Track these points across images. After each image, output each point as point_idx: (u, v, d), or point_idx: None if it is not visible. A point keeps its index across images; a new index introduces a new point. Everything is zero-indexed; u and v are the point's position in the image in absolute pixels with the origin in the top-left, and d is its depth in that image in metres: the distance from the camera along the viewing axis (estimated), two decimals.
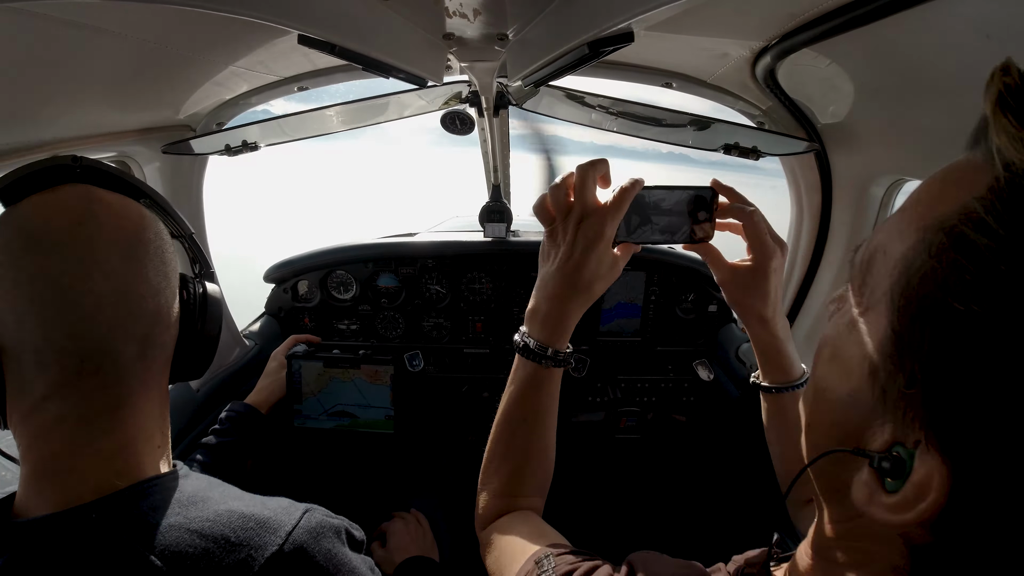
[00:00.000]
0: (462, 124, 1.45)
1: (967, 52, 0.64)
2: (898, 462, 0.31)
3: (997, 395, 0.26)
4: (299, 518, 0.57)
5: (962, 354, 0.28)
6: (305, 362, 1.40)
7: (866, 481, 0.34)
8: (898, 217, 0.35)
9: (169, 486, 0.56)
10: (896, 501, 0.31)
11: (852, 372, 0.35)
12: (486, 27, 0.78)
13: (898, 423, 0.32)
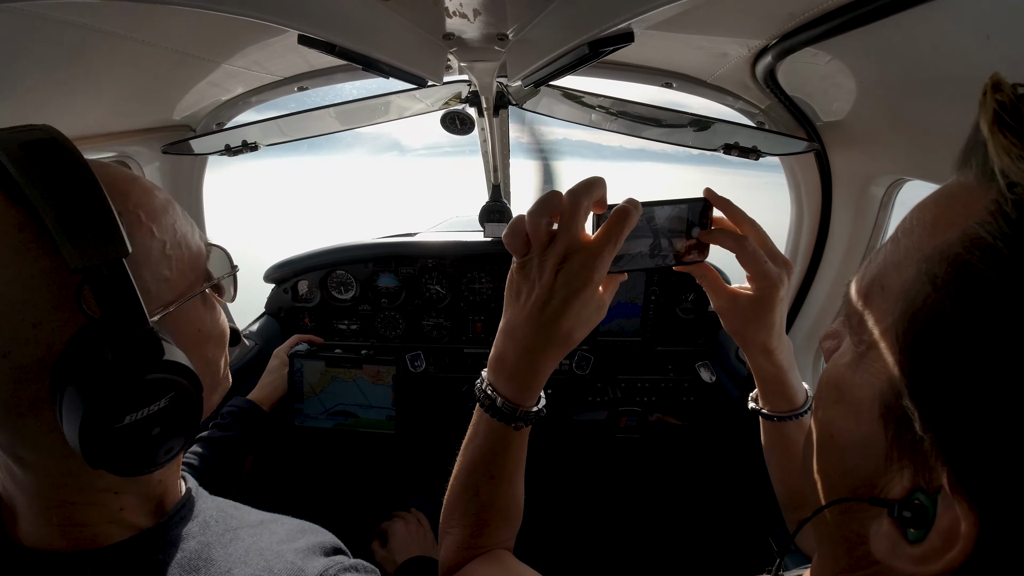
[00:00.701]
0: (462, 124, 1.45)
1: (967, 52, 0.64)
2: (920, 510, 0.29)
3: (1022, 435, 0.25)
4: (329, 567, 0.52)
5: (979, 392, 0.26)
6: (307, 361, 1.40)
7: (887, 532, 0.31)
8: (893, 247, 0.33)
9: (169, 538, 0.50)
10: (922, 552, 0.29)
11: (861, 415, 0.33)
12: (486, 27, 0.78)
13: (916, 468, 0.30)
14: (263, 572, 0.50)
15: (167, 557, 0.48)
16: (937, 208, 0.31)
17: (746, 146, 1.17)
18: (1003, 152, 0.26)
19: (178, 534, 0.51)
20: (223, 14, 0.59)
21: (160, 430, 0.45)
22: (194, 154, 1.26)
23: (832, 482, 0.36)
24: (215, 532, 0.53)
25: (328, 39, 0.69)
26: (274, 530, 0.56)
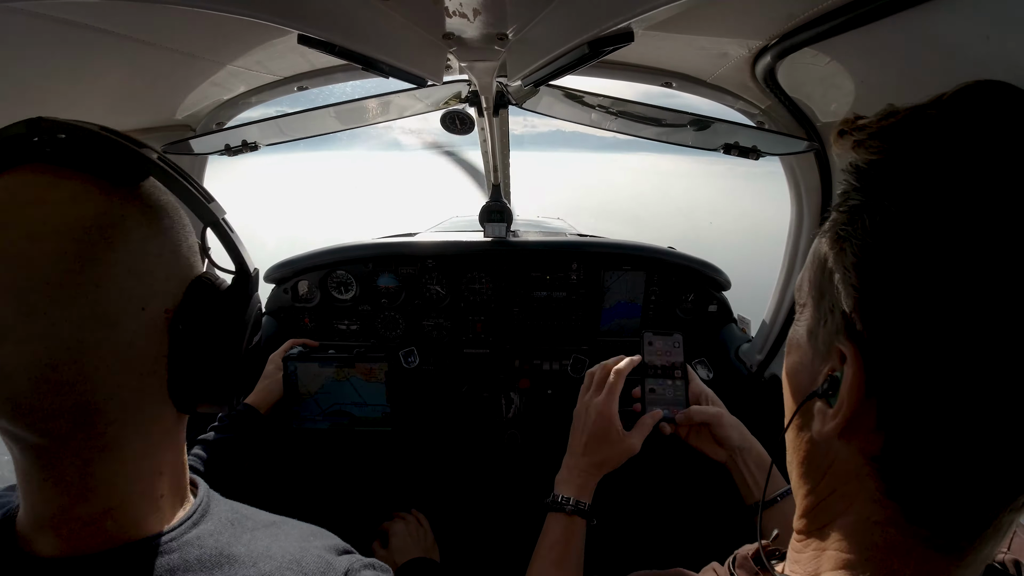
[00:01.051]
0: (462, 124, 1.45)
1: (966, 52, 0.64)
2: (834, 381, 0.39)
3: (878, 288, 0.36)
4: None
5: (855, 273, 0.37)
6: (301, 364, 1.40)
7: (819, 410, 0.41)
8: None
9: (187, 539, 0.50)
10: (836, 406, 0.38)
11: (800, 349, 0.45)
12: (486, 27, 0.77)
13: (832, 361, 0.40)
14: (292, 565, 0.51)
15: (188, 556, 0.48)
16: None
17: (746, 146, 1.17)
18: (840, 147, 0.40)
19: (198, 533, 0.51)
20: (223, 14, 0.59)
21: (259, 359, 0.52)
22: (194, 154, 1.26)
23: (790, 408, 0.46)
24: (233, 532, 0.53)
25: (328, 39, 0.69)
26: (288, 531, 0.58)
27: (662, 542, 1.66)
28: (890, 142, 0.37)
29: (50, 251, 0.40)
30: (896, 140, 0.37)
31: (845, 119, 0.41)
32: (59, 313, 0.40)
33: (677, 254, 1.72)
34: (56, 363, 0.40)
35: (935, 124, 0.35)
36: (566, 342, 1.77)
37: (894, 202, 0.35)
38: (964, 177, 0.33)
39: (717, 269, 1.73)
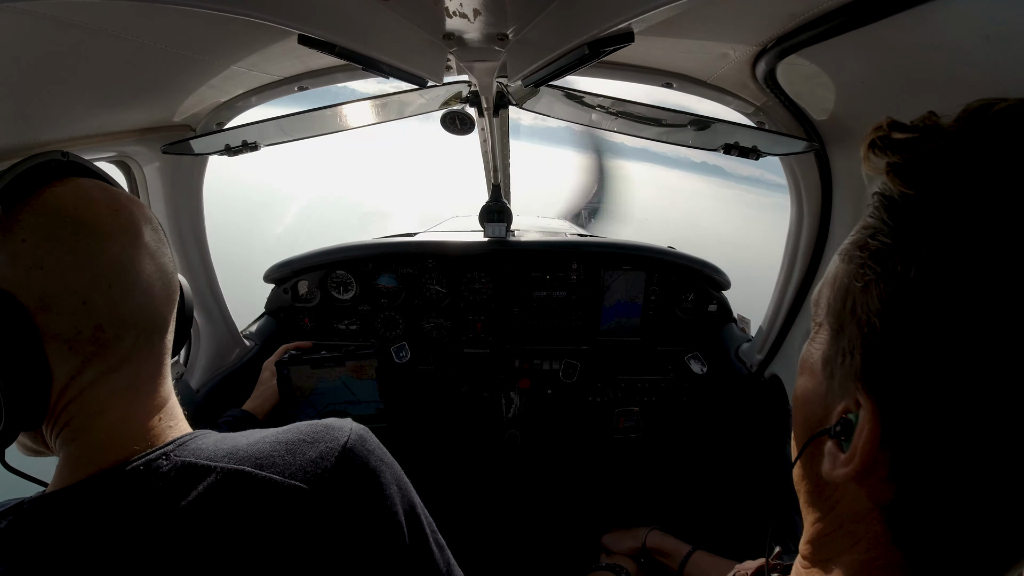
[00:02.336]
0: (462, 124, 1.45)
1: (966, 52, 0.64)
2: (847, 424, 0.37)
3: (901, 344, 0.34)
4: (351, 423, 0.63)
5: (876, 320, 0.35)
6: (293, 367, 1.41)
7: (830, 450, 0.39)
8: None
9: (214, 435, 0.60)
10: (849, 453, 0.37)
11: (813, 375, 0.43)
12: (486, 27, 0.78)
13: (847, 400, 0.38)
14: (291, 430, 0.59)
15: (222, 436, 0.59)
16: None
17: (746, 146, 1.17)
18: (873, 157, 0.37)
19: (202, 435, 0.60)
20: (223, 14, 0.59)
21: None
22: (194, 154, 1.26)
23: (801, 436, 0.45)
24: (232, 435, 0.62)
25: (328, 39, 0.69)
26: None
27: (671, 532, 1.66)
28: (931, 177, 0.32)
29: (143, 219, 0.60)
30: (938, 177, 0.32)
31: (878, 125, 0.36)
32: None
33: (677, 254, 1.72)
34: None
35: (985, 169, 0.31)
36: (566, 342, 1.77)
37: (932, 254, 0.32)
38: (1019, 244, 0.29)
39: (717, 269, 1.74)
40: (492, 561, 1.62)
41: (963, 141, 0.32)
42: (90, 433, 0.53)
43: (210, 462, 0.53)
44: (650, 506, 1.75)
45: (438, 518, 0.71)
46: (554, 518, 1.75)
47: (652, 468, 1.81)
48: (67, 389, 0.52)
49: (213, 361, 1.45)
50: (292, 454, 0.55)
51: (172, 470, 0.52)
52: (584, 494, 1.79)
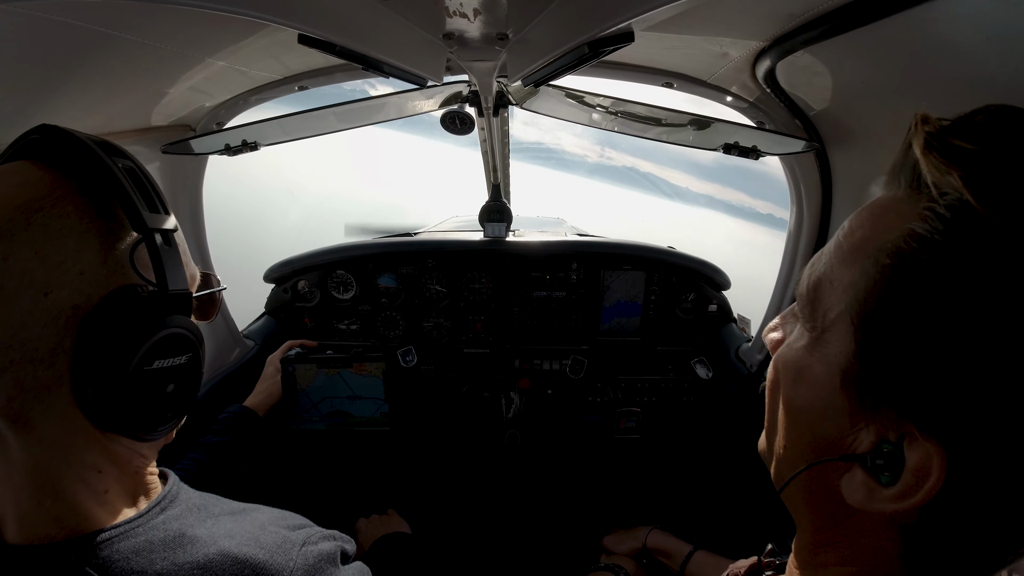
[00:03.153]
0: (462, 124, 1.45)
1: (966, 52, 0.64)
2: (891, 457, 0.34)
3: (975, 380, 0.31)
4: (295, 559, 0.55)
5: (929, 353, 0.32)
6: (299, 365, 1.41)
7: (862, 482, 0.36)
8: (836, 251, 0.39)
9: (153, 523, 0.52)
10: (898, 491, 0.34)
11: (822, 387, 0.39)
12: (486, 27, 0.77)
13: (879, 424, 0.35)
14: (251, 542, 0.53)
15: (152, 538, 0.50)
16: (873, 217, 0.38)
17: (746, 146, 1.17)
18: (933, 169, 0.33)
19: (162, 519, 0.53)
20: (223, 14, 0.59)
21: (174, 388, 0.51)
22: (194, 154, 1.26)
23: (801, 450, 0.41)
24: (198, 516, 0.56)
25: (328, 39, 0.69)
26: (255, 517, 0.60)
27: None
28: (1012, 202, 0.30)
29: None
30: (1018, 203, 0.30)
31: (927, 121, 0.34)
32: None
33: (677, 254, 1.72)
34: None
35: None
36: (566, 342, 1.77)
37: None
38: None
39: (717, 269, 1.74)
40: (492, 561, 1.62)
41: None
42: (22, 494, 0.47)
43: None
44: (651, 506, 1.75)
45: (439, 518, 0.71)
46: (554, 518, 1.75)
47: (653, 468, 1.81)
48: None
49: (213, 361, 1.45)
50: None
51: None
52: (584, 494, 1.79)
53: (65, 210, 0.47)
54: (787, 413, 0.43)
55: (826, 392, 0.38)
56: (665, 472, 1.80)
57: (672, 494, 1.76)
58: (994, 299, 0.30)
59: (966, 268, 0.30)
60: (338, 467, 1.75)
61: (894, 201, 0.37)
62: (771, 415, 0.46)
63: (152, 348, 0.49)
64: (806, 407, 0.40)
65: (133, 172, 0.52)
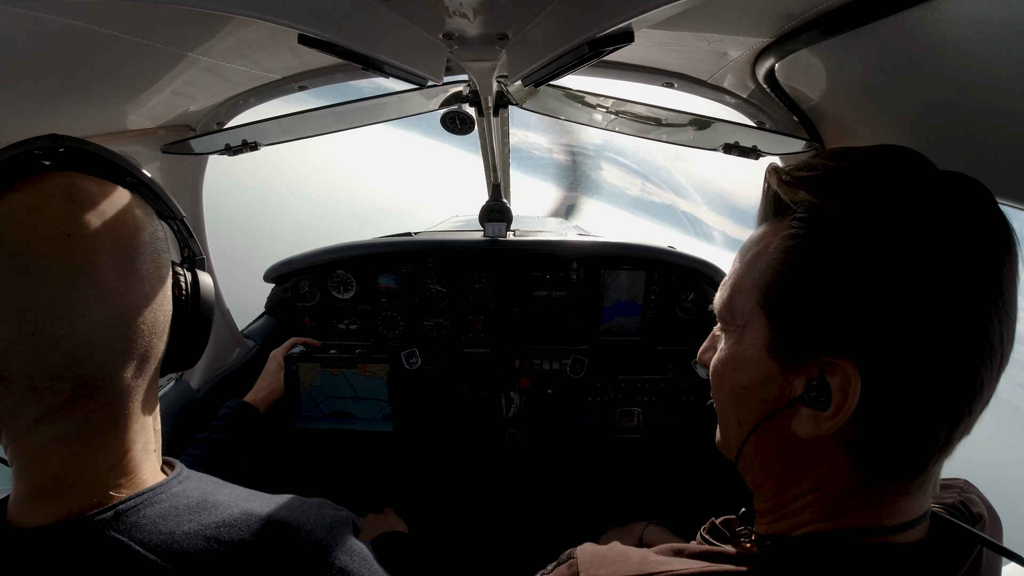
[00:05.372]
0: (462, 124, 1.45)
1: (966, 52, 0.64)
2: (821, 388, 0.45)
3: (860, 304, 0.43)
4: (313, 517, 0.58)
5: (825, 302, 0.45)
6: (303, 363, 1.40)
7: (808, 415, 0.47)
8: (736, 272, 0.55)
9: (174, 492, 0.54)
10: (834, 408, 0.44)
11: (756, 363, 0.51)
12: (486, 27, 0.78)
13: (803, 371, 0.47)
14: (271, 503, 0.57)
15: (176, 504, 0.53)
16: (757, 241, 0.53)
17: (746, 146, 1.17)
18: (788, 191, 0.49)
19: (182, 488, 0.56)
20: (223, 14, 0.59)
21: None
22: (194, 154, 1.26)
23: (756, 416, 0.52)
24: (215, 486, 0.59)
25: (329, 39, 0.69)
26: (263, 492, 0.63)
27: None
28: (843, 195, 0.46)
29: (145, 229, 0.57)
30: (847, 195, 0.46)
31: (776, 170, 0.50)
32: None
33: (677, 253, 1.72)
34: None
35: (872, 191, 0.45)
36: (566, 342, 1.77)
37: (859, 243, 0.43)
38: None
39: (717, 269, 1.74)
40: (492, 562, 1.62)
41: (855, 173, 0.46)
42: (30, 479, 0.50)
43: (142, 549, 0.47)
44: (651, 506, 1.75)
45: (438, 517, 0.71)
46: (554, 518, 1.75)
47: (652, 467, 1.81)
48: (7, 425, 0.48)
49: (213, 360, 1.45)
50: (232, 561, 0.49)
51: (101, 547, 0.47)
52: (584, 494, 1.80)
53: (160, 230, 0.59)
54: (735, 396, 0.54)
55: (761, 364, 0.50)
56: (665, 471, 1.80)
57: (672, 492, 1.76)
58: (845, 252, 0.44)
59: (821, 239, 0.45)
60: (338, 466, 1.76)
61: (767, 228, 0.53)
62: (722, 411, 0.58)
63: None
64: (749, 383, 0.52)
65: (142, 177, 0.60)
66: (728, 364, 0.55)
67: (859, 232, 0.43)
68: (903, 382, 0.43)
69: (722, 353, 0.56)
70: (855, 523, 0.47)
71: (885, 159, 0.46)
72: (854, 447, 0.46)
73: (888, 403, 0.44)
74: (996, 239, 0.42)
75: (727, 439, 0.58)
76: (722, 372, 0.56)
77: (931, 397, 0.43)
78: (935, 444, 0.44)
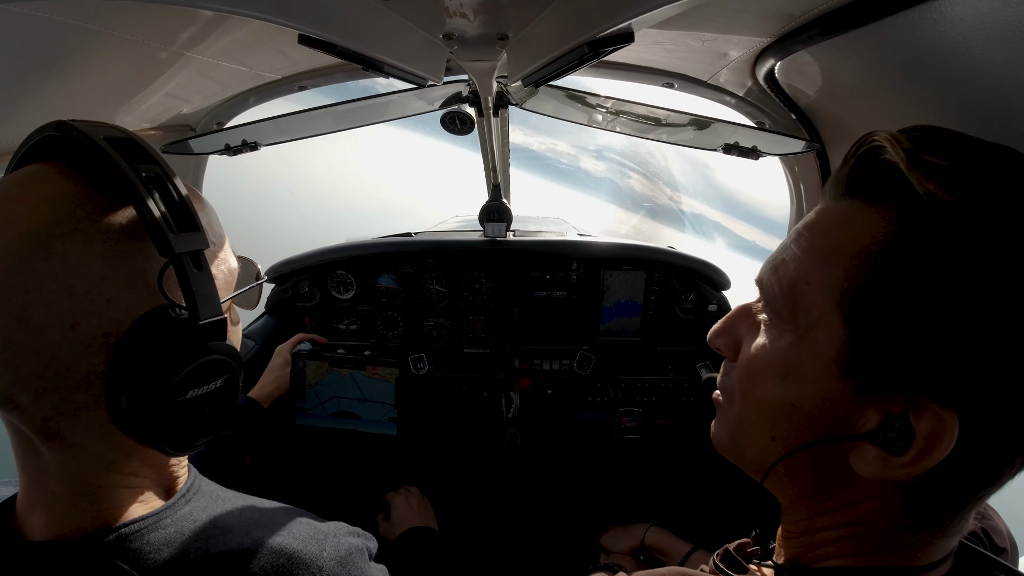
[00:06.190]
0: (462, 124, 1.45)
1: (966, 52, 0.64)
2: (901, 430, 0.38)
3: (978, 349, 0.35)
4: (327, 549, 0.55)
5: (928, 333, 0.36)
6: (310, 361, 1.40)
7: (876, 456, 0.40)
8: (805, 255, 0.45)
9: (181, 514, 0.52)
10: (911, 458, 0.38)
11: (818, 380, 0.42)
12: (486, 27, 0.78)
13: (882, 403, 0.39)
14: (283, 532, 0.53)
15: (183, 528, 0.50)
16: (840, 225, 0.43)
17: (746, 146, 1.17)
18: (916, 182, 0.38)
19: (188, 510, 0.53)
20: (223, 13, 0.59)
21: (210, 410, 0.51)
22: (194, 154, 1.26)
23: (799, 435, 0.44)
24: (224, 507, 0.55)
25: (328, 39, 0.69)
26: (275, 508, 0.61)
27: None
28: (977, 195, 0.36)
29: (2, 248, 0.42)
30: (982, 195, 0.36)
31: (898, 143, 0.40)
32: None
33: (677, 254, 1.72)
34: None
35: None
36: (566, 342, 1.77)
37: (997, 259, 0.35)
38: None
39: (717, 269, 1.74)
40: (491, 562, 1.62)
41: (1002, 178, 0.37)
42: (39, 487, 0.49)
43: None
44: (651, 505, 1.75)
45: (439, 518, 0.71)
46: (554, 519, 1.75)
47: (653, 468, 1.81)
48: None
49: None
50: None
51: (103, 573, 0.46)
52: (584, 495, 1.79)
53: (87, 234, 0.44)
54: (774, 408, 0.45)
55: (823, 381, 0.42)
56: (665, 470, 1.80)
57: (672, 492, 1.76)
58: (984, 277, 0.35)
59: (953, 256, 0.36)
60: (340, 465, 1.75)
61: (853, 210, 0.43)
62: (744, 417, 0.49)
63: (184, 379, 0.48)
64: (802, 400, 0.43)
65: (159, 181, 0.48)
66: (774, 368, 0.45)
67: (1006, 258, 0.35)
68: (992, 435, 0.37)
69: (764, 352, 0.46)
70: (885, 562, 0.43)
71: (1018, 165, 0.38)
72: (912, 493, 0.41)
73: (968, 455, 0.38)
74: None
75: (747, 448, 0.50)
76: (759, 375, 0.46)
77: (1008, 446, 0.38)
78: (993, 488, 0.40)
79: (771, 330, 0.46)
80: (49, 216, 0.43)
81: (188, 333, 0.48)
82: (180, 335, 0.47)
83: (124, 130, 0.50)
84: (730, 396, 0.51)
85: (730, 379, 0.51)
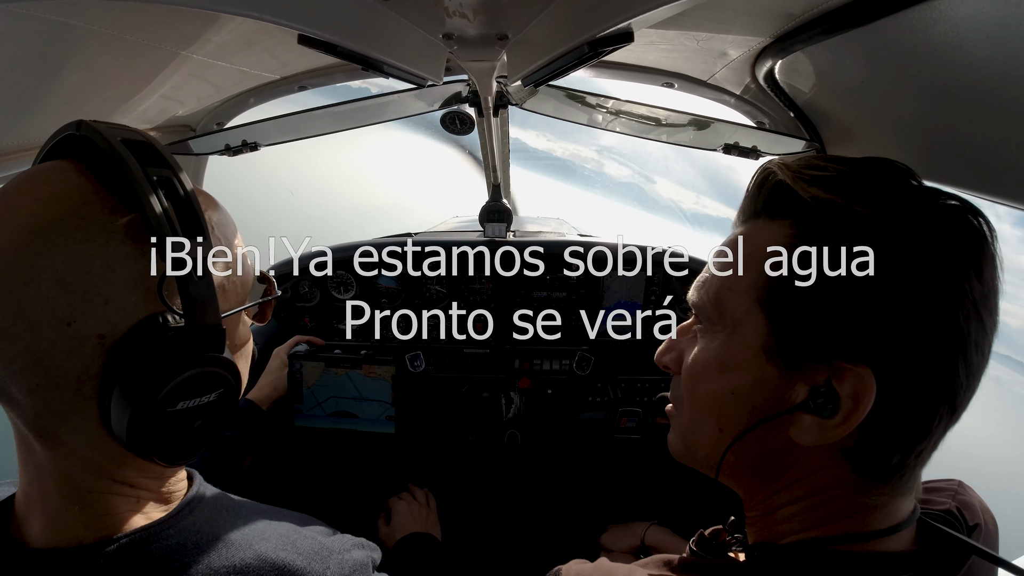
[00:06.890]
0: (462, 124, 1.45)
1: (966, 52, 0.64)
2: (829, 394, 0.43)
3: (881, 311, 0.42)
4: (331, 566, 0.55)
5: (835, 304, 0.43)
6: (307, 362, 1.40)
7: (812, 422, 0.45)
8: (726, 269, 0.51)
9: (183, 525, 0.51)
10: (841, 417, 0.43)
11: (750, 366, 0.48)
12: (486, 27, 0.78)
13: (806, 376, 0.45)
14: (287, 546, 0.52)
15: (184, 540, 0.49)
16: (750, 239, 0.50)
17: (746, 146, 1.17)
18: (801, 189, 0.46)
19: (191, 520, 0.52)
20: (223, 14, 0.59)
21: (201, 424, 0.49)
22: (194, 154, 1.26)
23: (742, 421, 0.49)
24: (228, 518, 0.54)
25: (328, 39, 0.69)
26: (281, 518, 0.59)
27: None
28: (858, 194, 0.45)
29: (4, 239, 0.42)
30: (865, 194, 0.45)
31: (788, 167, 0.48)
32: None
33: (677, 254, 1.72)
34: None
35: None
36: (566, 342, 1.77)
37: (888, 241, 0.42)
38: None
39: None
40: (491, 562, 1.62)
41: (868, 177, 0.45)
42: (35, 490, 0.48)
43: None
44: (651, 505, 1.75)
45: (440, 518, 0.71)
46: (554, 518, 1.75)
47: (653, 467, 1.81)
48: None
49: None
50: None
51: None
52: (584, 494, 1.79)
53: (90, 233, 0.43)
54: (717, 402, 0.51)
55: (755, 367, 0.47)
56: (665, 470, 1.80)
57: (672, 492, 1.76)
58: (866, 251, 0.42)
59: (840, 240, 0.43)
60: (340, 466, 1.75)
61: (758, 227, 0.50)
62: (693, 418, 0.54)
63: (175, 390, 0.46)
64: (739, 387, 0.49)
65: (169, 185, 0.47)
66: (711, 367, 0.51)
67: (882, 234, 0.42)
68: (909, 385, 0.42)
69: (703, 353, 0.52)
70: (843, 529, 0.46)
71: (884, 168, 0.46)
72: (854, 454, 0.45)
73: (894, 407, 0.43)
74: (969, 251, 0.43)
75: (699, 447, 0.54)
76: (701, 375, 0.52)
77: (928, 396, 0.42)
78: (928, 442, 0.44)
79: (705, 335, 0.53)
80: (53, 212, 0.43)
81: (182, 342, 0.46)
82: (173, 343, 0.46)
83: (142, 133, 0.49)
84: (679, 403, 0.57)
85: (678, 389, 0.56)
